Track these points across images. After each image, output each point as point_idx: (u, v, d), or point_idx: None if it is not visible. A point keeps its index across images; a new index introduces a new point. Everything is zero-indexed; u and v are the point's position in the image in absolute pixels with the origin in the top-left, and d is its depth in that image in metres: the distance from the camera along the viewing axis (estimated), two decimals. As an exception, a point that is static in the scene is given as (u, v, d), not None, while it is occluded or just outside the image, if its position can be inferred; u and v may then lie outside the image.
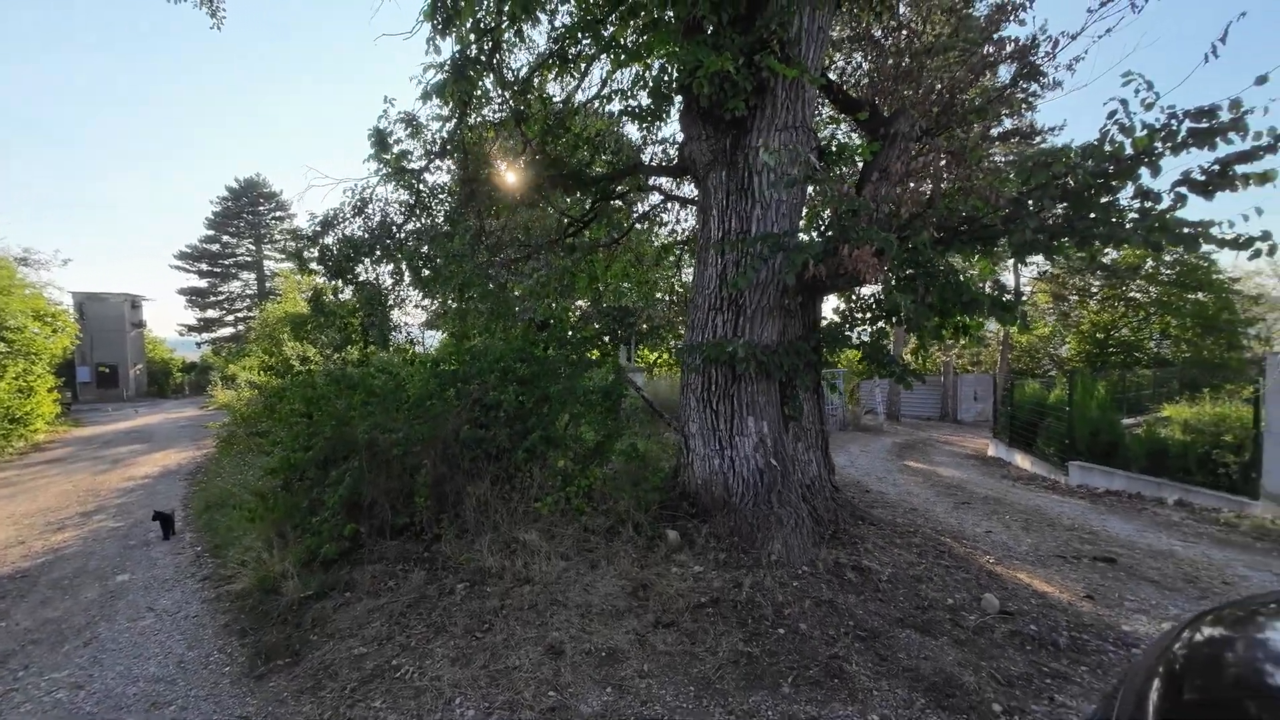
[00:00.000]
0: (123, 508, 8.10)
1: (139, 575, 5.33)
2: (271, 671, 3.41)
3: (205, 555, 5.77)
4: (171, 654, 3.78)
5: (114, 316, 31.05)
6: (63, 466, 11.59)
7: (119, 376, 30.93)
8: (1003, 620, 3.68)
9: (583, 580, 4.14)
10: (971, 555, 4.99)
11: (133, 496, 8.90)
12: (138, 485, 9.79)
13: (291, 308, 22.00)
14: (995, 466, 12.67)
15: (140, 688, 3.39)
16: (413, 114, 5.54)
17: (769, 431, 4.99)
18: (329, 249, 6.17)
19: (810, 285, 4.87)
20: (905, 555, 4.73)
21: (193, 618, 4.35)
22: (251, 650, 3.69)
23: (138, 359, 32.45)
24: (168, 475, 10.61)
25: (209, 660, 3.66)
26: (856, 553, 4.67)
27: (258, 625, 4.03)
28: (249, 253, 40.40)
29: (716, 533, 4.80)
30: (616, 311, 20.20)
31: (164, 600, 4.72)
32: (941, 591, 4.09)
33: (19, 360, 14.37)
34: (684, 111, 5.08)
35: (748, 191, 4.83)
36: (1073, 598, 4.16)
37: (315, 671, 3.34)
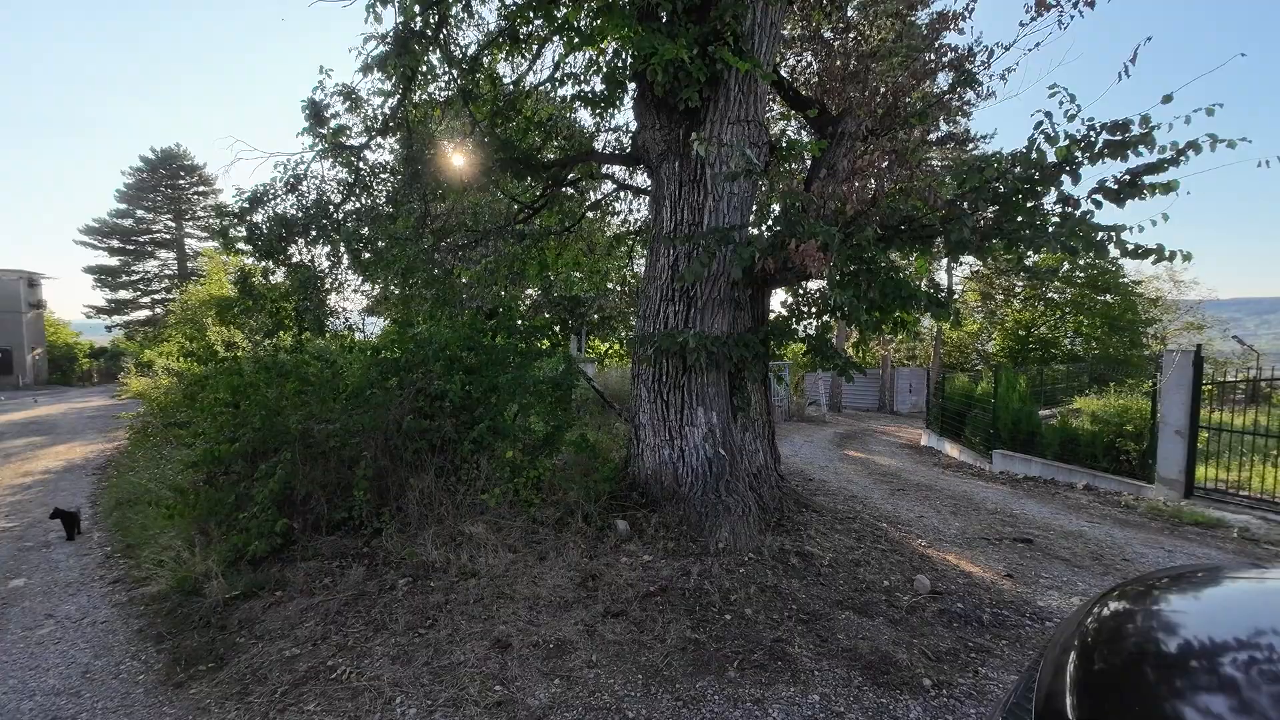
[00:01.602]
0: (17, 506, 7.36)
1: (37, 580, 4.86)
2: (193, 679, 3.18)
3: (116, 556, 5.32)
4: (75, 664, 3.47)
5: (7, 295, 28.10)
6: (-56, 461, 10.41)
7: (14, 362, 28.06)
8: (933, 600, 3.90)
9: (531, 572, 4.09)
10: (906, 539, 5.25)
11: (30, 494, 8.10)
12: (36, 481, 8.92)
13: (217, 290, 20.53)
14: (928, 455, 13.39)
15: (37, 702, 3.09)
16: (351, 87, 5.22)
17: (718, 422, 5.06)
18: (258, 227, 5.76)
19: (759, 279, 4.96)
20: (845, 540, 4.93)
21: (101, 624, 4.00)
22: (170, 657, 3.43)
23: (37, 343, 29.53)
24: (72, 470, 9.71)
25: (119, 669, 3.37)
26: (800, 539, 4.83)
27: (177, 629, 3.75)
28: (167, 229, 37.37)
29: (666, 522, 4.84)
30: (567, 301, 19.98)
31: (67, 606, 4.32)
32: (878, 574, 4.29)
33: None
34: (638, 99, 5.03)
35: (700, 183, 4.85)
36: (995, 577, 4.45)
37: (242, 676, 3.14)
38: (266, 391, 4.89)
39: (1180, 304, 27.53)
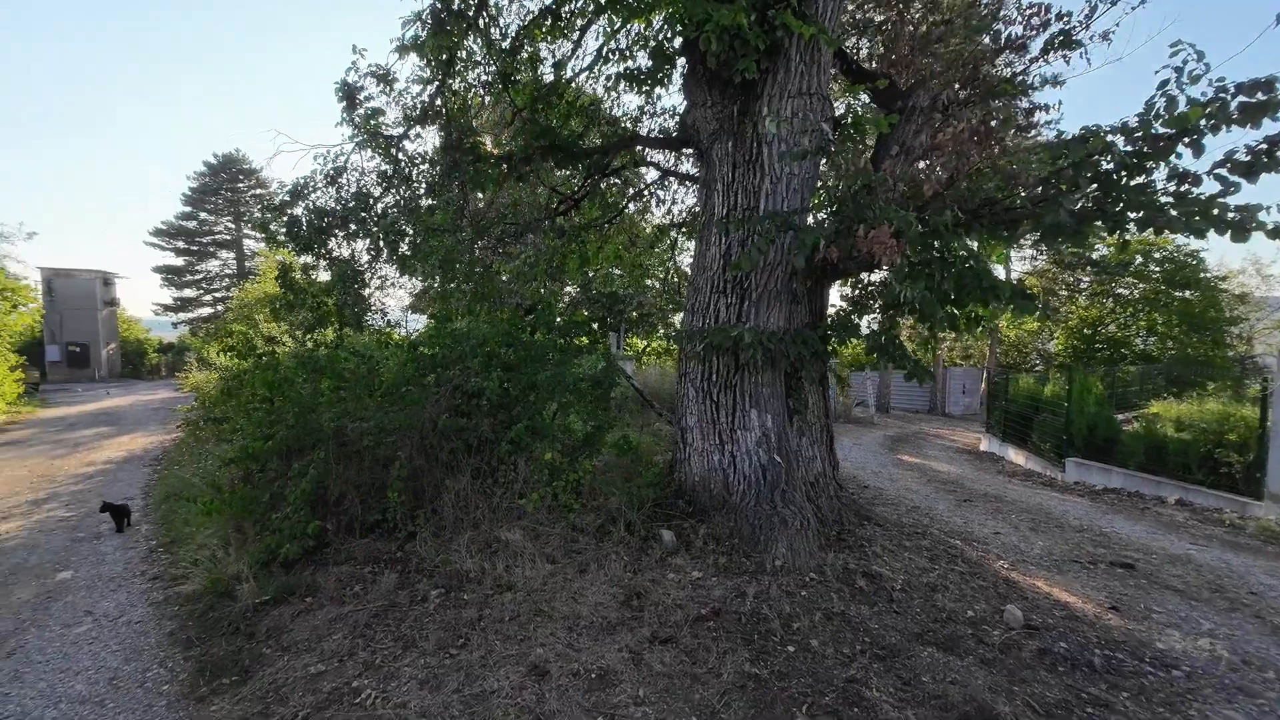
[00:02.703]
0: (77, 495, 7.58)
1: (83, 573, 4.87)
2: (215, 693, 3.00)
3: (159, 551, 5.32)
4: (104, 668, 3.35)
5: (84, 294, 29.93)
6: (19, 450, 10.97)
7: (90, 356, 29.88)
8: (1029, 636, 3.38)
9: (570, 587, 3.77)
10: (984, 560, 4.70)
11: (91, 483, 8.37)
12: (98, 471, 9.24)
13: (270, 287, 21.24)
14: (989, 462, 12.51)
15: (62, 710, 2.97)
16: (384, 67, 5.02)
17: (773, 425, 4.64)
18: (298, 220, 5.66)
19: (819, 269, 4.51)
20: (917, 560, 4.43)
21: (135, 624, 3.91)
22: (196, 665, 3.28)
23: (110, 338, 31.37)
24: (132, 461, 10.05)
25: (146, 677, 3.24)
26: (865, 557, 4.36)
27: (206, 635, 3.61)
28: (227, 230, 39.15)
29: (716, 534, 4.45)
30: (605, 298, 19.74)
31: (106, 603, 4.27)
32: (959, 602, 3.78)
33: (-25, 337, 13.61)
34: (688, 74, 4.64)
35: (756, 164, 4.43)
36: (1097, 609, 3.87)
37: (264, 693, 2.93)
38: (301, 388, 4.75)
39: (1269, 300, 25.20)
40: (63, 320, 28.90)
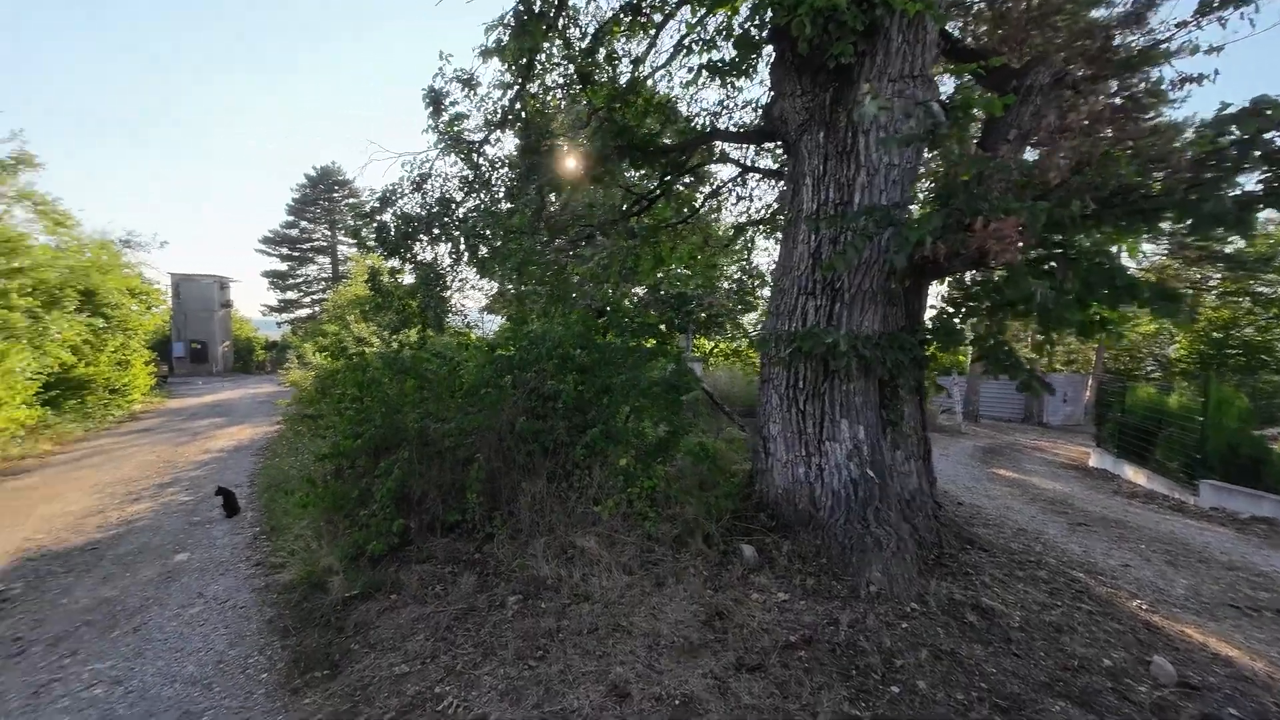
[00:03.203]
0: (195, 481, 8.30)
1: (197, 555, 5.26)
2: (308, 685, 3.09)
3: (262, 538, 5.67)
4: (213, 651, 3.56)
5: (204, 297, 33.26)
6: (150, 437, 12.23)
7: (209, 353, 33.19)
8: (1186, 696, 2.88)
9: (649, 601, 3.62)
10: (1116, 598, 4.12)
11: (206, 470, 9.16)
12: (212, 459, 10.12)
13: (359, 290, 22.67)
14: (1100, 480, 11.23)
15: (176, 690, 3.15)
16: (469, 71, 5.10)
17: (865, 437, 4.28)
18: (386, 226, 5.88)
19: (919, 267, 4.12)
20: (1033, 594, 3.94)
21: (240, 609, 4.15)
22: (291, 655, 3.40)
23: (225, 337, 34.69)
24: (240, 450, 10.94)
25: (248, 663, 3.39)
26: (972, 587, 3.92)
27: (301, 625, 3.76)
28: (324, 237, 42.33)
29: (801, 552, 4.16)
30: (673, 298, 19.52)
31: (216, 586, 4.57)
32: (1092, 647, 3.30)
33: (117, 335, 15.35)
34: (775, 63, 4.38)
35: (850, 155, 4.10)
36: (1270, 669, 3.26)
37: (352, 690, 2.98)
38: (388, 388, 4.90)
39: None
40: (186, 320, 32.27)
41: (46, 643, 3.70)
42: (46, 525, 6.12)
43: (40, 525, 6.11)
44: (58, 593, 4.48)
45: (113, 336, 15.09)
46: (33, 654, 3.57)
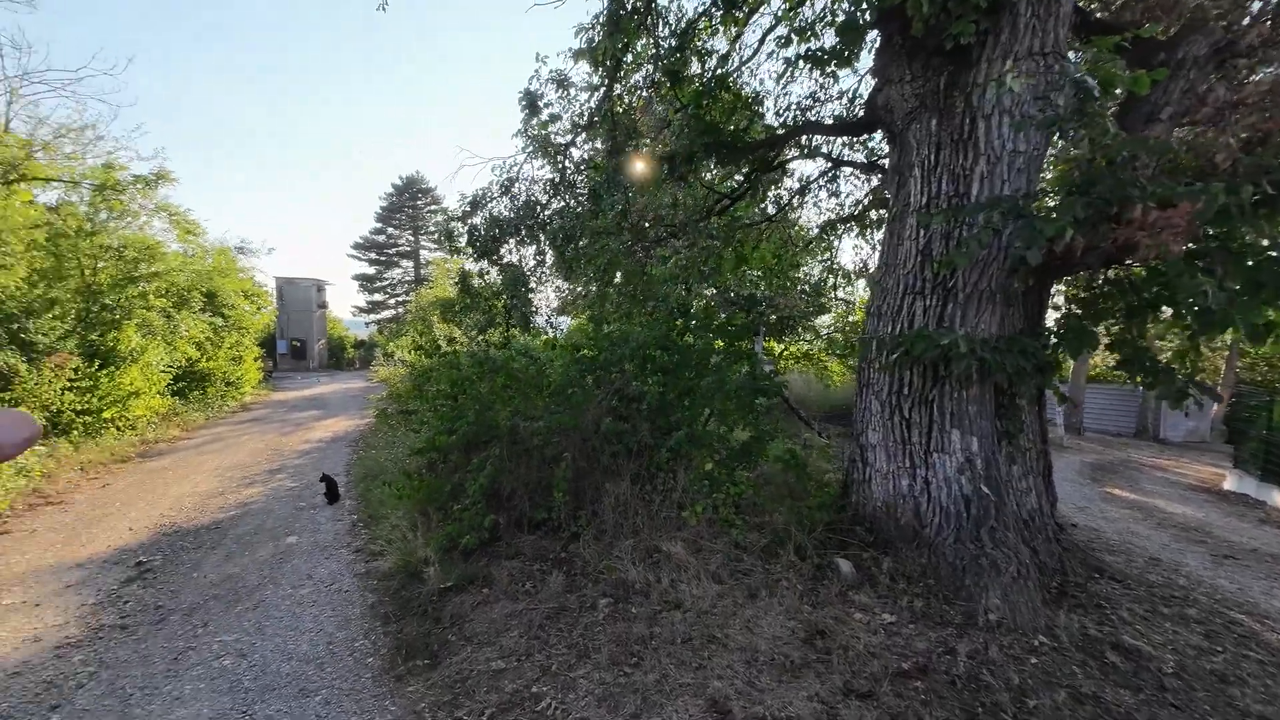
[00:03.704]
0: (298, 469, 8.94)
1: (304, 539, 5.62)
2: (411, 673, 3.18)
3: (359, 526, 6.00)
4: (323, 632, 3.75)
5: (304, 298, 36.15)
6: (259, 426, 13.36)
7: (307, 350, 36.05)
8: (1404, 774, 2.40)
9: (743, 613, 3.48)
10: (1290, 646, 3.54)
11: (308, 458, 9.86)
12: (312, 448, 10.88)
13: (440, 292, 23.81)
14: (1241, 506, 9.89)
15: (292, 667, 3.34)
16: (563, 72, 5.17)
17: (979, 450, 3.93)
18: (477, 229, 6.07)
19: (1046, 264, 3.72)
20: (1186, 635, 3.46)
21: (344, 593, 4.38)
22: (393, 643, 3.53)
23: (321, 335, 37.55)
24: (336, 441, 11.71)
25: (354, 646, 3.55)
26: (1108, 622, 3.49)
27: (400, 612, 3.90)
28: (408, 243, 44.93)
29: (904, 571, 3.87)
30: (743, 299, 19.16)
31: (322, 569, 4.86)
32: (1271, 705, 2.83)
33: (233, 333, 16.93)
34: (882, 47, 4.12)
35: (968, 143, 3.77)
36: None
37: (452, 682, 3.04)
38: (480, 386, 5.03)
39: None
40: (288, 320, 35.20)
41: (183, 612, 4.05)
42: (178, 504, 6.77)
43: (173, 504, 6.77)
44: (189, 567, 4.91)
45: (229, 334, 16.65)
46: (172, 622, 3.91)
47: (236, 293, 17.23)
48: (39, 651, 3.55)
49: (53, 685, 3.20)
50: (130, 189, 11.50)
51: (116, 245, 11.56)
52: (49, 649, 3.58)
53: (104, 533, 5.75)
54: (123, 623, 3.92)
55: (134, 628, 3.84)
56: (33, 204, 10.10)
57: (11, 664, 3.42)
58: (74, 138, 10.78)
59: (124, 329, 10.96)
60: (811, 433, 11.00)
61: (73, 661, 3.44)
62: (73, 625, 3.88)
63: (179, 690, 3.14)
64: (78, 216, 10.91)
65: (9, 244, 8.50)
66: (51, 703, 3.05)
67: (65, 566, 4.91)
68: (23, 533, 5.73)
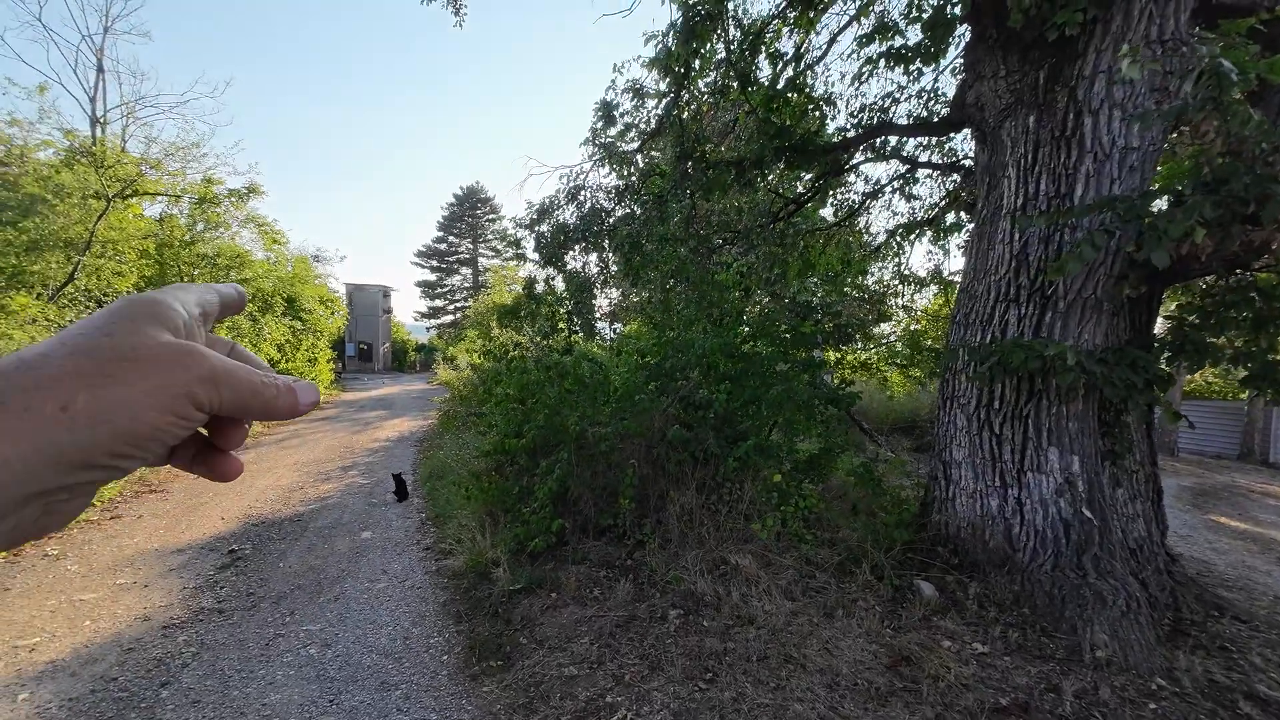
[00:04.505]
0: (369, 467, 9.35)
1: (377, 535, 5.85)
2: (485, 674, 3.23)
3: (428, 524, 6.18)
4: (399, 627, 3.87)
5: (371, 304, 38.05)
6: (331, 424, 14.09)
7: (373, 353, 37.91)
8: None
9: (820, 633, 3.34)
10: None
11: (376, 456, 10.30)
12: (380, 447, 11.37)
13: (498, 299, 24.51)
14: (1376, 541, 8.77)
15: (373, 660, 3.46)
16: (639, 82, 5.21)
17: (1080, 470, 3.64)
18: (543, 236, 6.18)
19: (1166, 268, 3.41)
20: (1334, 688, 3.05)
21: (417, 589, 4.51)
22: (466, 641, 3.60)
23: (385, 339, 39.41)
24: (403, 440, 12.19)
25: (430, 643, 3.64)
26: (1238, 668, 3.14)
27: (471, 612, 3.98)
28: (467, 251, 46.58)
29: (995, 597, 3.62)
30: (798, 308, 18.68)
31: (395, 565, 5.03)
32: None
33: (309, 336, 18.00)
34: (973, 43, 3.91)
35: (1071, 139, 3.51)
36: None
37: (526, 684, 3.06)
38: (548, 390, 5.09)
39: None
40: (356, 324, 37.14)
41: (271, 600, 4.28)
42: (263, 496, 7.20)
43: (259, 495, 7.20)
44: (275, 556, 5.20)
45: (306, 337, 17.70)
46: (262, 609, 4.13)
47: (313, 298, 18.30)
48: (149, 630, 3.83)
49: (161, 663, 3.44)
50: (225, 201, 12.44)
51: (211, 254, 12.52)
52: (157, 628, 3.86)
53: (200, 520, 6.18)
54: (219, 607, 4.17)
55: (230, 612, 4.09)
56: (142, 216, 11.09)
57: (127, 640, 3.70)
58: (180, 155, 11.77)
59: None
60: (877, 446, 10.58)
61: (177, 641, 3.69)
62: (177, 607, 4.17)
63: (271, 675, 3.30)
64: (180, 228, 11.89)
65: (124, 253, 9.34)
66: (161, 679, 3.27)
67: (168, 551, 5.30)
68: (131, 518, 6.24)
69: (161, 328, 0.32)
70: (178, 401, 0.30)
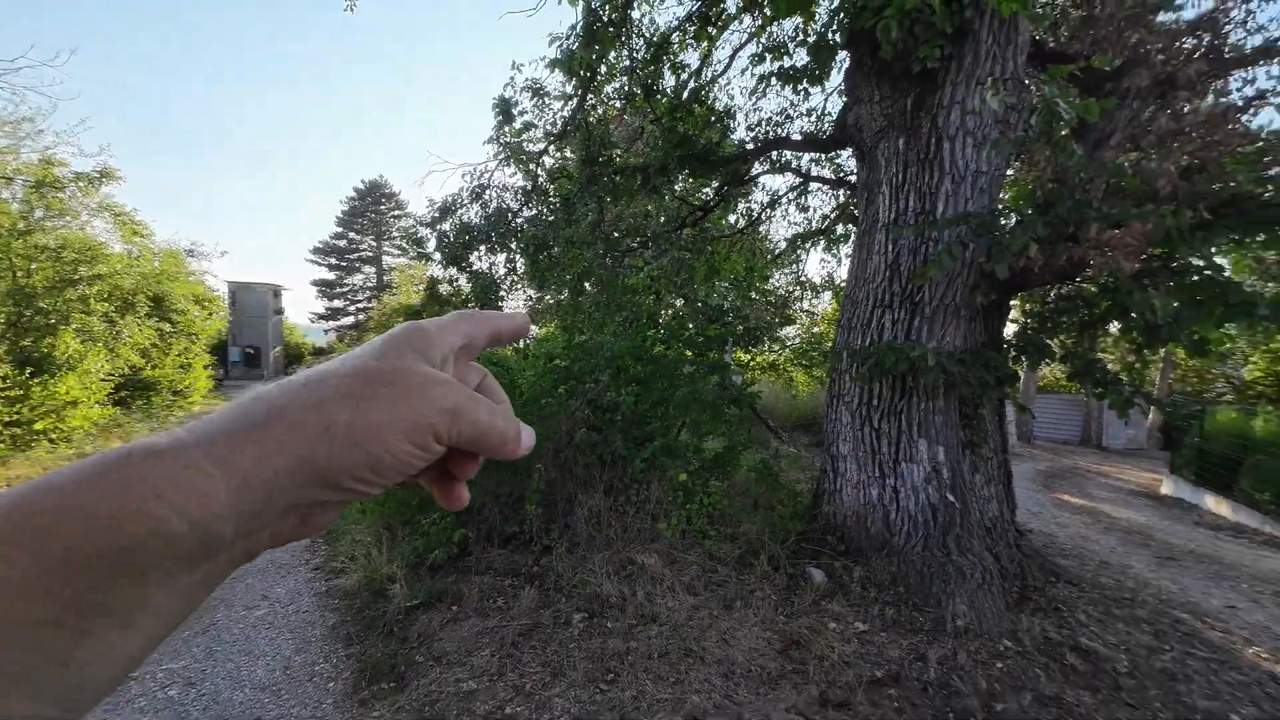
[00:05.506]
0: (253, 483, 8.52)
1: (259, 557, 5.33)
2: (375, 697, 3.04)
3: (318, 541, 5.74)
4: (279, 656, 3.56)
5: (259, 304, 34.74)
6: (209, 438, 12.70)
7: (262, 357, 34.60)
8: (1337, 763, 2.55)
9: (718, 625, 3.47)
10: (1230, 644, 3.74)
11: (262, 472, 9.42)
12: (267, 461, 10.40)
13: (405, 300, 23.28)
14: (1178, 509, 10.48)
15: (246, 695, 3.15)
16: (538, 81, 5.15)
17: (945, 459, 4.05)
18: (446, 235, 5.95)
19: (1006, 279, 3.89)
20: (1137, 635, 3.61)
21: (303, 613, 4.17)
22: (356, 665, 3.37)
23: (277, 342, 36.12)
24: (293, 453, 11.23)
25: (314, 671, 3.38)
26: (1067, 625, 3.63)
27: (364, 633, 3.74)
28: (370, 248, 43.81)
29: (875, 579, 3.94)
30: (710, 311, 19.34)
31: (279, 588, 4.62)
32: (1215, 700, 2.98)
33: (181, 339, 16.11)
34: (852, 68, 4.24)
35: (933, 162, 3.91)
36: None
37: (421, 704, 2.92)
38: (449, 396, 4.90)
39: None
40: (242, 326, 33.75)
41: (123, 639, 3.78)
42: (119, 521, 6.34)
43: (113, 521, 6.34)
44: (131, 589, 4.59)
45: (177, 341, 15.84)
46: (111, 650, 3.64)
47: (186, 297, 16.42)
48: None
49: (-26, 723, 2.93)
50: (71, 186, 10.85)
51: (54, 246, 10.87)
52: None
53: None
54: (55, 652, 3.63)
55: (68, 657, 3.56)
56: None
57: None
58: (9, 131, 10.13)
59: (60, 334, 10.30)
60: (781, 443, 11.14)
61: None
62: None
63: (119, 724, 2.92)
64: (10, 214, 10.22)
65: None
66: (-28, 743, 2.78)
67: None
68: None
69: (420, 357, 0.33)
70: (420, 432, 0.31)
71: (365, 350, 0.33)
